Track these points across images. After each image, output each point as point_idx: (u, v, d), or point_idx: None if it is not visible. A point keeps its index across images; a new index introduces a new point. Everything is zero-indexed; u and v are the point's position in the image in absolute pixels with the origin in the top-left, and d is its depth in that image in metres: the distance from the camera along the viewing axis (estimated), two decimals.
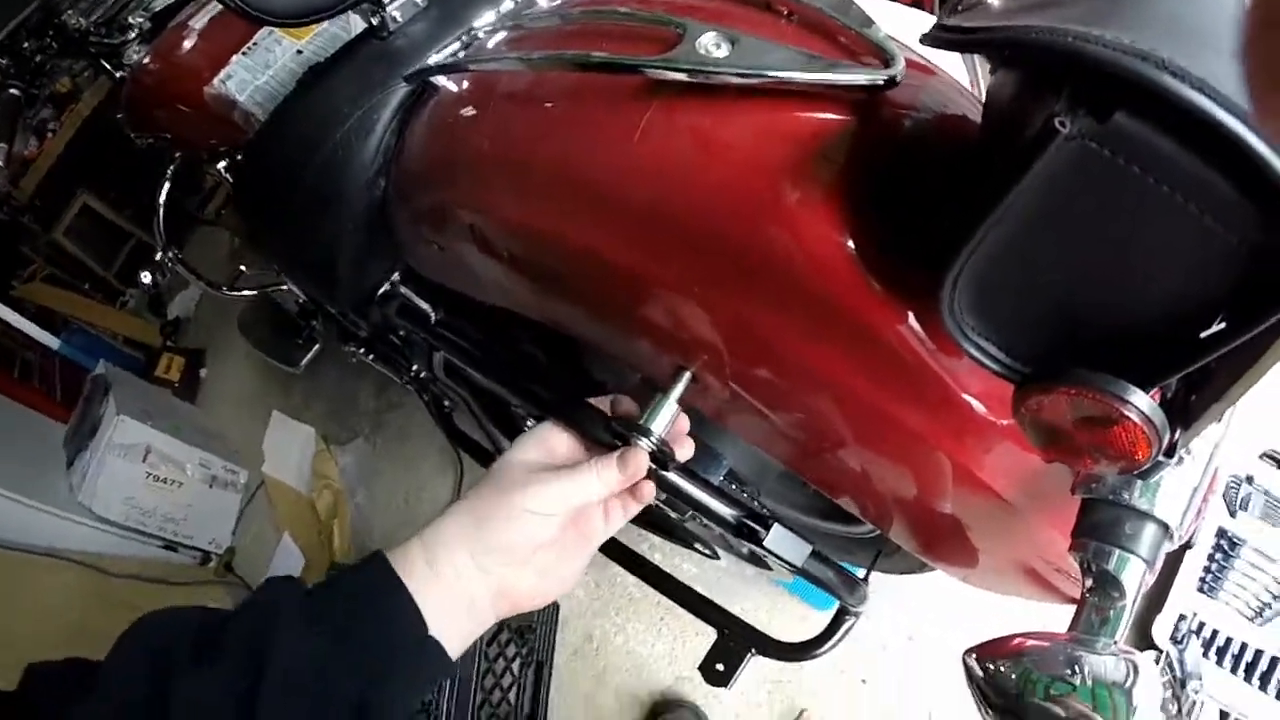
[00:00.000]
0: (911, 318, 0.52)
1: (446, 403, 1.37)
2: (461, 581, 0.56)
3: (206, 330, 3.46)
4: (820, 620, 0.90)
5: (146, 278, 1.91)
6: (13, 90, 1.51)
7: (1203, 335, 0.36)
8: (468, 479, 2.07)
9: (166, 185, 1.61)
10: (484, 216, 0.75)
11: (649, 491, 0.64)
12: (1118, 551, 0.45)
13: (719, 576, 1.63)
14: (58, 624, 2.02)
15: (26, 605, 2.04)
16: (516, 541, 0.57)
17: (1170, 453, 0.42)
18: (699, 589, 1.04)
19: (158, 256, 1.71)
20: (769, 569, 1.28)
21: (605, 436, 0.63)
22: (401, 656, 0.52)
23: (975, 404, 0.54)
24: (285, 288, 1.70)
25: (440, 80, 0.83)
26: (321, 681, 0.49)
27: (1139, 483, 0.46)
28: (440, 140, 0.81)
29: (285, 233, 0.98)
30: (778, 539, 0.74)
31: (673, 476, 0.72)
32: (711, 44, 0.56)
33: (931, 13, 2.10)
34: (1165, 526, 0.46)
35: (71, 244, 3.83)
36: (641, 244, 0.62)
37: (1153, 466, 0.42)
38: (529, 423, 1.10)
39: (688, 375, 0.66)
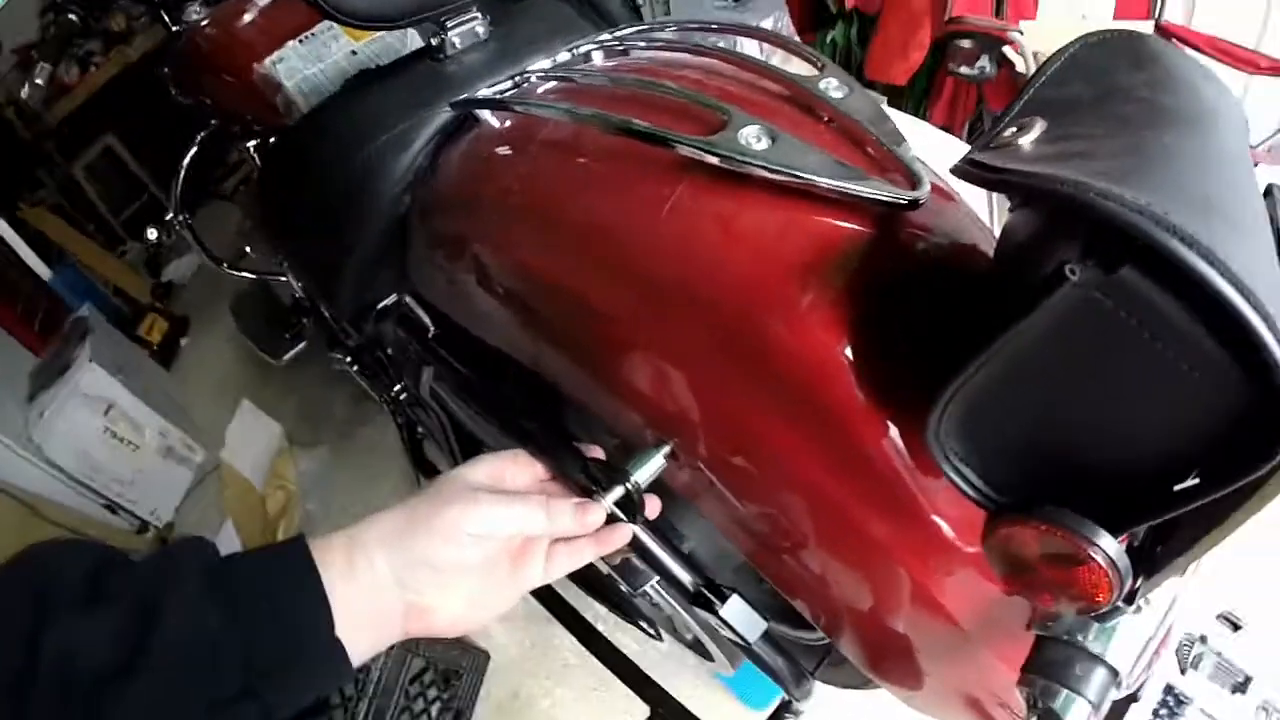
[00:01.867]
0: (895, 432, 0.53)
1: (420, 429, 1.36)
2: (377, 589, 0.53)
3: (196, 300, 3.46)
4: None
5: (153, 234, 1.91)
6: (72, 15, 1.53)
7: (1176, 488, 0.38)
8: None
9: (194, 150, 1.64)
10: (497, 255, 0.76)
11: (618, 539, 0.62)
12: (1065, 692, 0.46)
13: (659, 659, 1.59)
14: None
15: None
16: (443, 559, 0.55)
17: (1130, 599, 0.43)
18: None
19: (168, 217, 1.74)
20: (711, 659, 1.27)
21: (580, 476, 0.62)
22: (298, 651, 0.49)
23: (944, 526, 0.54)
24: (284, 279, 1.71)
25: (484, 114, 0.84)
26: (211, 660, 0.45)
27: (1095, 626, 0.47)
28: (472, 171, 0.82)
29: (301, 228, 0.99)
30: (735, 610, 0.73)
31: (639, 530, 0.70)
32: (753, 136, 0.58)
33: (961, 139, 2.17)
34: (1115, 672, 0.46)
35: (86, 181, 3.82)
36: (646, 312, 0.63)
37: (1111, 611, 0.44)
38: None
39: (668, 446, 0.66)
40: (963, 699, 0.69)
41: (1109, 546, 0.40)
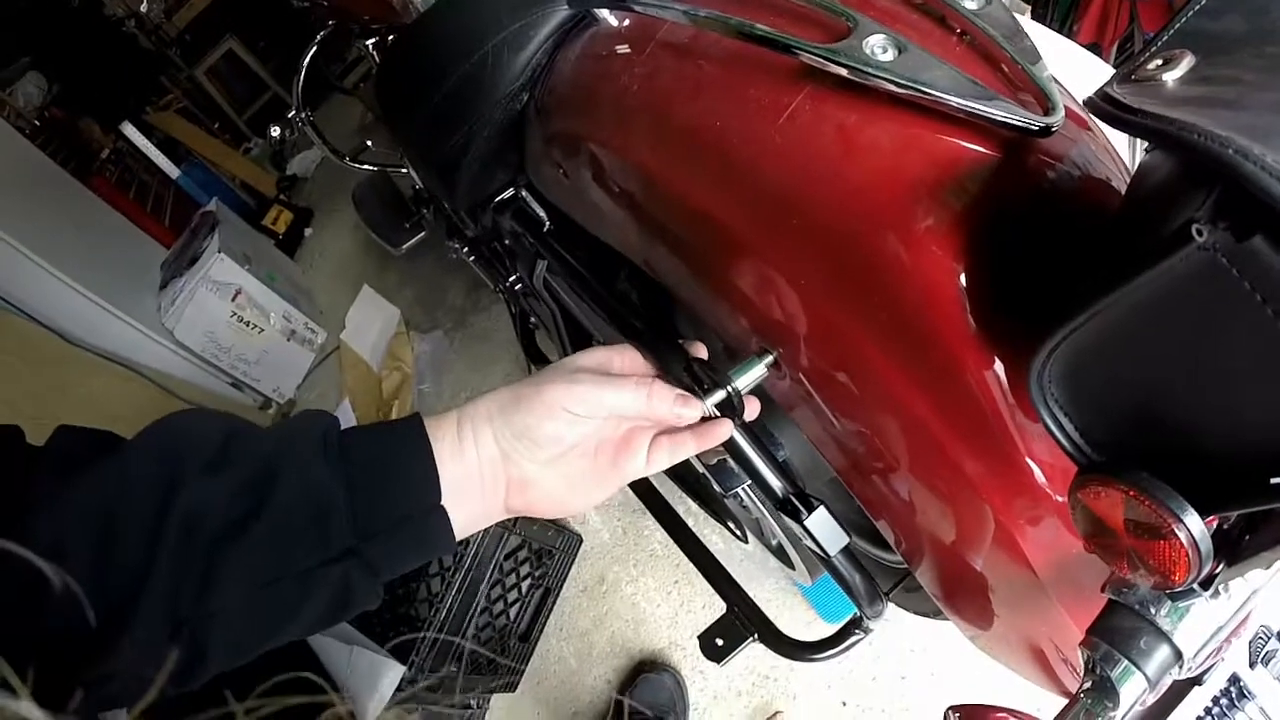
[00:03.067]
0: (1000, 367, 0.51)
1: (533, 319, 1.39)
2: (482, 460, 0.55)
3: (320, 192, 3.58)
4: (824, 631, 0.90)
5: (275, 131, 1.96)
6: None
7: (1274, 480, 0.35)
8: None
9: (314, 49, 1.68)
10: (614, 155, 0.76)
11: (718, 434, 0.63)
12: (1125, 662, 0.45)
13: (741, 559, 1.64)
14: (121, 430, 2.09)
15: (91, 406, 2.15)
16: (544, 433, 0.56)
17: (1207, 583, 0.41)
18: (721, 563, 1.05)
19: (290, 114, 1.78)
20: (792, 567, 1.28)
21: (683, 375, 0.63)
22: (405, 515, 0.52)
23: (1036, 471, 0.53)
24: (404, 171, 1.74)
25: (601, 13, 0.84)
26: (321, 521, 0.49)
27: (1168, 603, 0.45)
28: (590, 71, 0.82)
29: (420, 124, 1.00)
30: (820, 522, 0.73)
31: (735, 432, 0.71)
32: (879, 46, 0.55)
33: (1108, 60, 2.01)
34: (1179, 654, 0.45)
35: (210, 84, 3.99)
36: (760, 220, 0.62)
37: (1186, 591, 0.42)
38: None
39: (772, 356, 0.66)
40: (1027, 647, 0.69)
41: (1193, 525, 0.38)
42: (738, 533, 1.54)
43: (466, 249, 1.37)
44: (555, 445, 0.57)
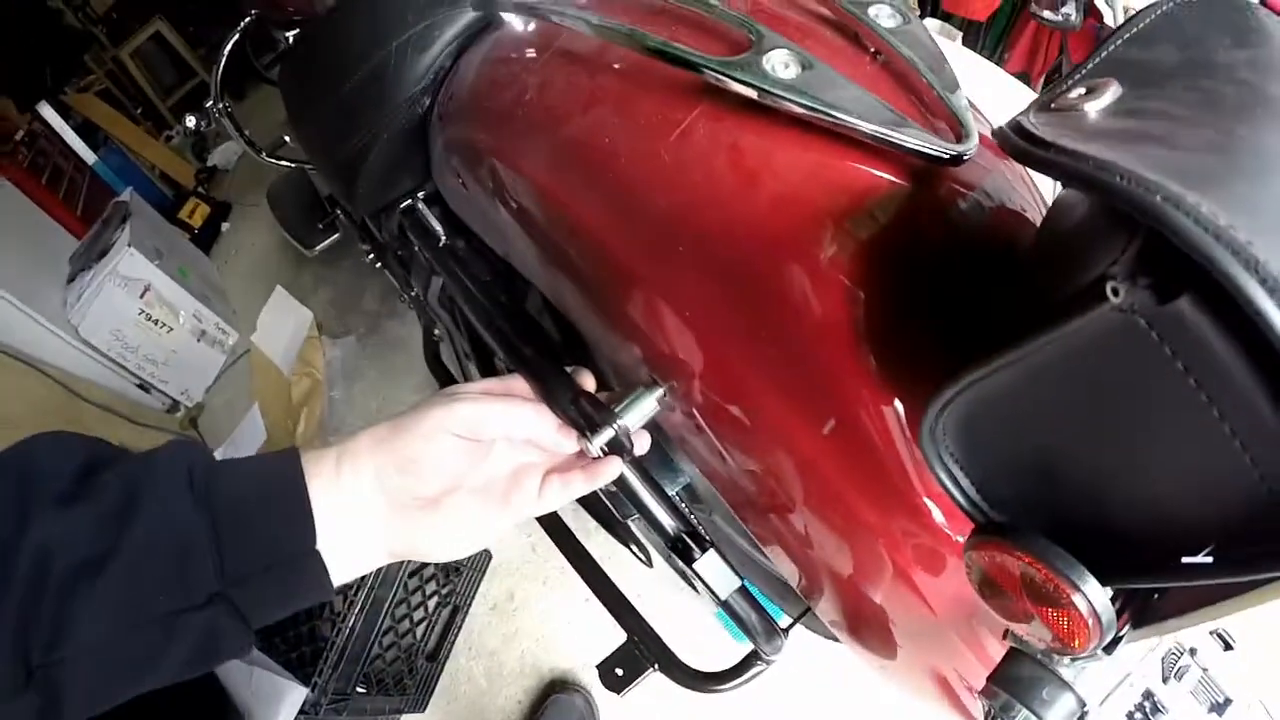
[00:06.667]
0: (900, 406, 0.49)
1: (436, 332, 1.34)
2: (361, 499, 0.52)
3: (241, 186, 3.51)
4: (739, 655, 0.87)
5: (191, 121, 1.88)
6: None
7: (1184, 560, 0.32)
8: None
9: (235, 37, 1.59)
10: (507, 168, 0.71)
11: (608, 473, 0.59)
12: (1025, 712, 0.43)
13: (658, 580, 1.60)
14: (14, 435, 1.98)
15: None
16: (428, 460, 0.53)
17: (1111, 648, 0.38)
18: (631, 587, 1.03)
19: (208, 104, 1.69)
20: (697, 592, 1.26)
21: (570, 409, 0.59)
22: (277, 563, 0.48)
23: (935, 511, 0.51)
24: None
25: (507, 16, 0.80)
26: (182, 562, 0.45)
27: None
28: (489, 77, 0.78)
29: (322, 123, 0.96)
30: (709, 565, 0.70)
31: (626, 469, 0.68)
32: (780, 62, 0.52)
33: (1036, 89, 2.04)
34: (1083, 704, 0.43)
35: (135, 65, 3.88)
36: (648, 246, 0.58)
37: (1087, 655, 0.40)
38: None
39: (662, 390, 0.62)
40: (932, 678, 0.67)
41: (1094, 595, 0.36)
42: (642, 556, 1.51)
43: (373, 255, 1.32)
44: (440, 477, 0.54)
